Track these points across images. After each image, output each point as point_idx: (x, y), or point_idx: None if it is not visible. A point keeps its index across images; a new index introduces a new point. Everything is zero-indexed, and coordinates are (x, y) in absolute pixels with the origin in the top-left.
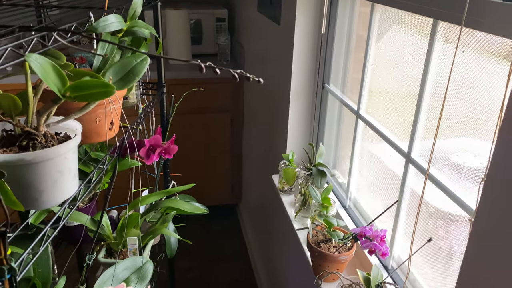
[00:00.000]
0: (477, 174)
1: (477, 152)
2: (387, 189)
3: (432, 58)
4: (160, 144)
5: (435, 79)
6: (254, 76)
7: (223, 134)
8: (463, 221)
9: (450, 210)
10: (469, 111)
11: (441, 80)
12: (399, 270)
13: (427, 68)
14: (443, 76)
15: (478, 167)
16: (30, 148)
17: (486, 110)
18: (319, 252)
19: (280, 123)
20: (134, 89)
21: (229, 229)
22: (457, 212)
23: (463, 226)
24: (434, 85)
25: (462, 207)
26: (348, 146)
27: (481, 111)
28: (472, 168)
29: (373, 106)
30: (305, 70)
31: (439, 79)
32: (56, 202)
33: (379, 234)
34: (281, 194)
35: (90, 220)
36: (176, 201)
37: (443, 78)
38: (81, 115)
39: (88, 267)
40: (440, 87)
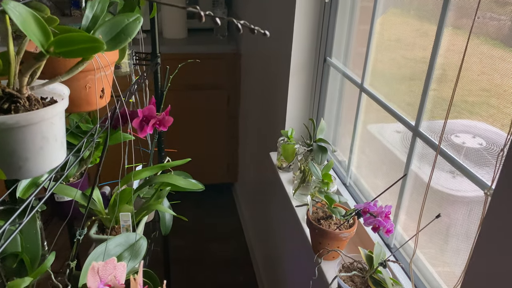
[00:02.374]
0: (476, 154)
1: (476, 133)
2: (389, 167)
3: (443, 31)
4: (154, 115)
5: (447, 50)
6: (259, 28)
7: (219, 112)
8: (465, 202)
9: (451, 192)
10: (466, 94)
11: (451, 52)
12: (401, 249)
13: (439, 38)
14: (454, 48)
15: (477, 147)
16: (12, 112)
17: (482, 92)
18: (319, 229)
19: (279, 99)
20: (126, 58)
21: (225, 208)
22: (459, 193)
23: (465, 207)
24: (443, 58)
25: (476, 183)
26: (349, 123)
27: (478, 94)
28: (471, 149)
29: (377, 82)
30: (306, 42)
31: (449, 53)
32: (41, 171)
33: (383, 211)
34: (279, 172)
35: (81, 194)
36: (171, 177)
37: (454, 49)
38: (68, 77)
39: (79, 242)
40: (448, 62)
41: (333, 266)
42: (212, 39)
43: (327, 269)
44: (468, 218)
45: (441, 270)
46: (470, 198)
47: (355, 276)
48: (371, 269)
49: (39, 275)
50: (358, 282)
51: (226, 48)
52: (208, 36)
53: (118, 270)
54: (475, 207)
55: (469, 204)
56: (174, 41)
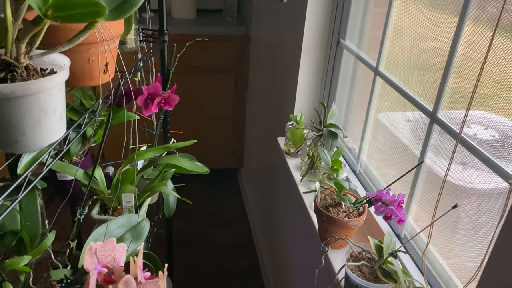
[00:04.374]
0: (489, 146)
1: (489, 125)
2: (399, 157)
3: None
4: (160, 93)
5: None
6: None
7: (226, 96)
8: (475, 194)
9: (462, 184)
10: (479, 85)
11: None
12: (412, 240)
13: (460, 28)
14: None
15: (489, 139)
16: (8, 81)
17: (494, 84)
18: (327, 216)
19: (288, 82)
20: (132, 34)
21: (229, 193)
22: (470, 185)
23: (476, 199)
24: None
25: (498, 172)
26: (360, 109)
27: (491, 86)
28: (483, 140)
29: (390, 69)
30: (319, 23)
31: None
32: (39, 146)
33: (396, 199)
34: (287, 157)
35: (83, 173)
36: (177, 158)
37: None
38: (69, 47)
39: (79, 222)
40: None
41: (340, 255)
42: (221, 20)
43: (334, 258)
44: (478, 211)
45: (452, 263)
46: (480, 190)
47: (364, 266)
48: (381, 260)
49: (39, 254)
50: (367, 272)
51: (235, 30)
52: (218, 18)
53: (118, 252)
54: (487, 200)
55: (480, 197)
56: (183, 22)
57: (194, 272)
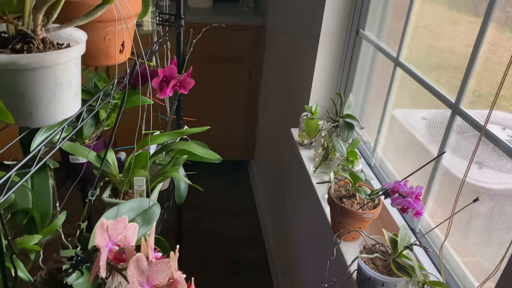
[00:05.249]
0: (505, 147)
1: (506, 125)
2: (414, 153)
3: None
4: (175, 76)
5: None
6: None
7: (239, 86)
8: (490, 194)
9: (477, 183)
10: (496, 86)
11: None
12: (427, 235)
13: (484, 28)
14: None
15: (508, 139)
16: (24, 52)
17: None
18: (341, 207)
19: (304, 73)
20: (149, 16)
21: (239, 184)
22: (485, 185)
23: (490, 200)
24: None
25: None
26: (377, 103)
27: (507, 87)
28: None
29: (415, 59)
30: (339, 12)
31: None
32: (53, 120)
33: (414, 191)
34: (300, 148)
35: (95, 156)
36: (189, 144)
37: None
38: (86, 21)
39: (91, 203)
40: None
41: (353, 247)
42: (237, 10)
43: (346, 250)
44: (493, 211)
45: (467, 261)
46: (495, 191)
47: (377, 258)
48: (395, 253)
49: (49, 234)
50: (380, 265)
51: (251, 20)
52: (234, 7)
53: (129, 231)
54: (503, 201)
55: (495, 197)
56: (199, 10)
57: (202, 262)
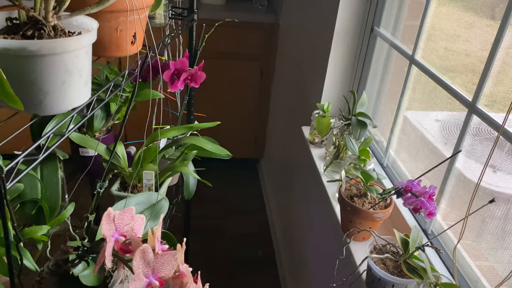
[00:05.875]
0: None
1: None
2: (429, 155)
3: None
4: (187, 69)
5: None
6: None
7: (251, 84)
8: (504, 199)
9: (490, 187)
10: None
11: None
12: (439, 237)
13: (503, 30)
14: None
15: None
16: (35, 38)
17: None
18: (351, 206)
19: (316, 71)
20: (162, 9)
21: (248, 183)
22: (498, 189)
23: (504, 204)
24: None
25: None
26: (391, 102)
27: None
28: None
29: (429, 61)
30: (354, 9)
31: None
32: (63, 108)
33: (427, 191)
34: (311, 147)
35: (104, 149)
36: (199, 139)
37: None
38: (98, 9)
39: (99, 195)
40: None
41: (363, 247)
42: (251, 7)
43: (355, 250)
44: (507, 215)
45: (481, 264)
46: (510, 195)
47: (388, 259)
48: (406, 254)
49: (57, 225)
50: (391, 266)
51: (265, 17)
52: (247, 5)
53: (136, 222)
54: None
55: (509, 201)
56: (212, 7)
57: (209, 259)
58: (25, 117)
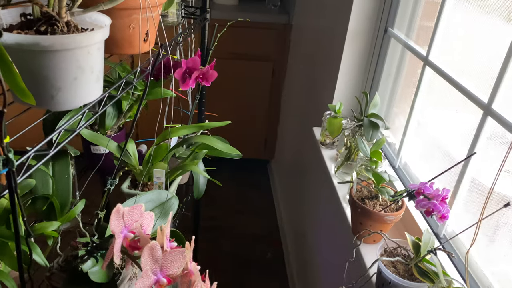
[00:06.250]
0: None
1: None
2: (445, 155)
3: None
4: (198, 68)
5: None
6: None
7: (262, 84)
8: None
9: (504, 192)
10: None
11: None
12: (451, 241)
13: None
14: None
15: None
16: (48, 34)
17: None
18: (362, 208)
19: (328, 72)
20: (175, 8)
21: (258, 184)
22: None
23: None
24: None
25: None
26: (405, 103)
27: None
28: None
29: (444, 63)
30: (367, 10)
31: None
32: (74, 104)
33: (440, 194)
34: (322, 148)
35: (116, 146)
36: (209, 138)
37: None
38: (111, 5)
39: (109, 192)
40: None
41: (373, 250)
42: (263, 8)
43: (365, 252)
44: None
45: (494, 270)
46: None
47: (398, 262)
48: (417, 257)
49: (67, 221)
50: (401, 269)
51: (277, 18)
52: (260, 5)
53: (145, 219)
54: None
55: None
56: (225, 7)
57: (217, 260)
58: (39, 114)
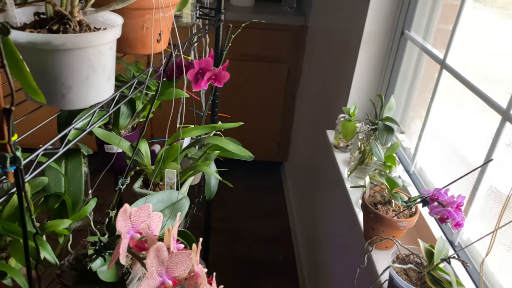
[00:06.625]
0: None
1: None
2: (462, 161)
3: None
4: (211, 69)
5: None
6: None
7: (276, 87)
8: None
9: None
10: None
11: None
12: (466, 250)
13: None
14: None
15: None
16: (60, 33)
17: None
18: (375, 214)
19: (343, 74)
20: (189, 8)
21: (271, 186)
22: None
23: None
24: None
25: None
26: (421, 107)
27: None
28: None
29: (462, 67)
30: (384, 12)
31: None
32: (85, 103)
33: (455, 201)
34: (335, 151)
35: (129, 146)
36: (221, 139)
37: None
38: (123, 5)
39: (120, 191)
40: None
41: (385, 256)
42: (279, 9)
43: (377, 259)
44: None
45: (511, 280)
46: None
47: (411, 270)
48: (431, 265)
49: (79, 219)
50: (414, 277)
51: (293, 20)
52: (276, 7)
53: (153, 220)
54: None
55: None
56: (241, 9)
57: (228, 261)
58: (54, 112)
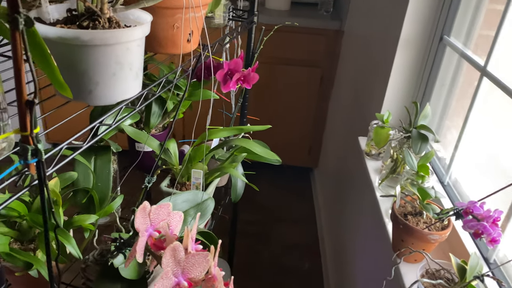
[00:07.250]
0: None
1: None
2: (501, 174)
3: None
4: (240, 70)
5: None
6: None
7: (309, 92)
8: None
9: None
10: None
11: None
12: (502, 268)
13: None
14: None
15: None
16: (89, 29)
17: None
18: (405, 225)
19: (378, 80)
20: (221, 10)
21: (300, 192)
22: None
23: None
24: None
25: None
26: (459, 115)
27: None
28: None
29: (504, 75)
30: (422, 16)
31: None
32: (112, 99)
33: (492, 215)
34: (366, 158)
35: (158, 144)
36: (248, 141)
37: None
38: (153, 3)
39: (147, 189)
40: None
41: (413, 269)
42: (315, 14)
43: (405, 272)
44: None
45: None
46: None
47: (440, 286)
48: (462, 282)
49: (105, 215)
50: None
51: (329, 24)
52: (312, 11)
53: (173, 219)
54: None
55: None
56: (276, 12)
57: (253, 266)
58: (88, 109)
